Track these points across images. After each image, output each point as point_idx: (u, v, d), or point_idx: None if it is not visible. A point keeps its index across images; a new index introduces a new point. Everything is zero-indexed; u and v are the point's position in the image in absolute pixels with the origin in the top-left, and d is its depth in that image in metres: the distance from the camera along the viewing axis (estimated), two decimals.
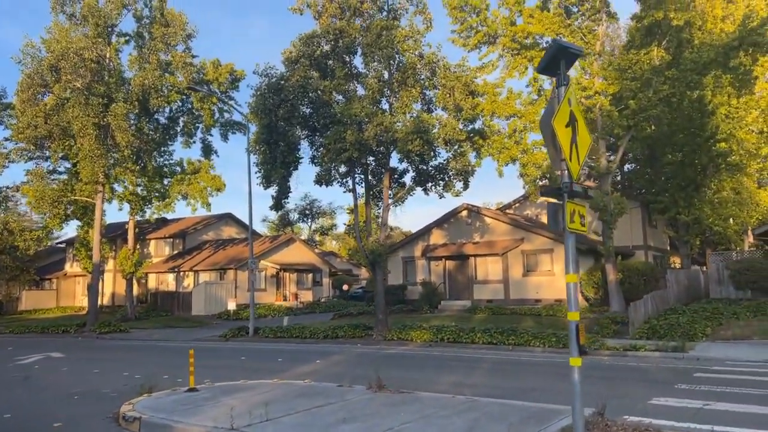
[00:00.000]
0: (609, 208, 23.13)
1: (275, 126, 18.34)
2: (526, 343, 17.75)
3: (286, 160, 18.63)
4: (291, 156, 18.59)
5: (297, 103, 18.41)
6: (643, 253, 31.54)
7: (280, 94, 18.20)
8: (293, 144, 18.47)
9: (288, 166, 18.97)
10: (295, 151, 18.83)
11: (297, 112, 18.34)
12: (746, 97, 27.90)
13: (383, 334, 20.55)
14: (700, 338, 17.39)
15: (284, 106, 18.15)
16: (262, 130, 18.46)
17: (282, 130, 18.36)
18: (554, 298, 26.41)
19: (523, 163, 24.29)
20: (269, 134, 18.37)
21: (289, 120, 18.32)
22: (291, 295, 41.17)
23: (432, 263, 30.38)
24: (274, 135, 18.40)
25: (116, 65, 30.01)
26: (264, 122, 18.22)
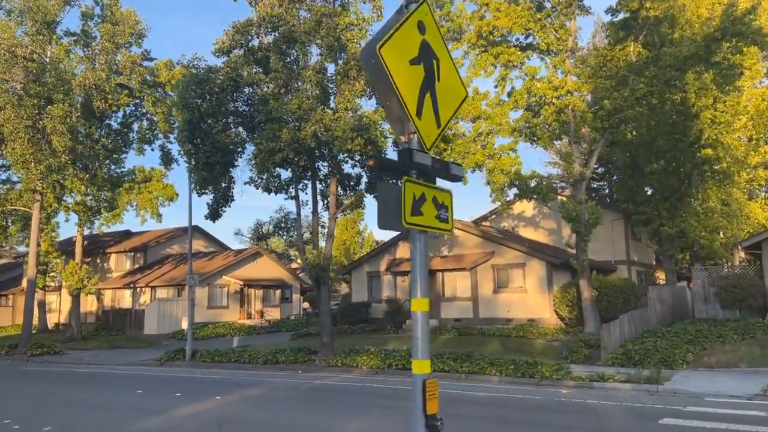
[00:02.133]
0: (582, 218, 21.02)
1: (198, 123, 16.21)
2: (481, 371, 15.50)
3: (210, 160, 16.46)
4: (215, 156, 16.42)
5: (225, 97, 16.28)
6: (626, 269, 29.33)
7: (204, 87, 16.09)
8: (219, 143, 16.33)
9: (212, 167, 16.79)
10: (223, 151, 16.64)
11: (224, 107, 16.21)
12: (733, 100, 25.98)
13: (327, 360, 18.25)
14: (680, 366, 15.15)
15: (208, 101, 16.02)
16: (184, 127, 16.32)
17: (207, 127, 16.23)
18: (527, 317, 24.15)
19: (489, 168, 22.21)
20: (191, 132, 16.24)
21: (215, 116, 16.20)
22: (256, 312, 38.71)
23: (398, 278, 28.12)
24: (197, 133, 16.27)
25: (60, 65, 27.87)
26: (186, 117, 16.10)
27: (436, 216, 3.79)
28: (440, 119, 3.90)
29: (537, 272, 24.42)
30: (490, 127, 22.40)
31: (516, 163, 22.01)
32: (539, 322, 23.53)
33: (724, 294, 19.71)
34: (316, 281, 18.78)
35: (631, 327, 19.18)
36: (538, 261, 24.41)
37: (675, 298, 24.48)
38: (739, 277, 19.78)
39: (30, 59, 25.42)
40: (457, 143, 22.31)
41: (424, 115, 3.75)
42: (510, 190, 22.43)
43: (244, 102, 17.51)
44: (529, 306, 24.34)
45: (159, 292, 36.25)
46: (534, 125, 21.84)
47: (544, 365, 14.83)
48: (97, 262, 42.96)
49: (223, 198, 19.93)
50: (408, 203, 3.52)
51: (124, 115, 30.97)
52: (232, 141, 17.26)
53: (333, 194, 18.94)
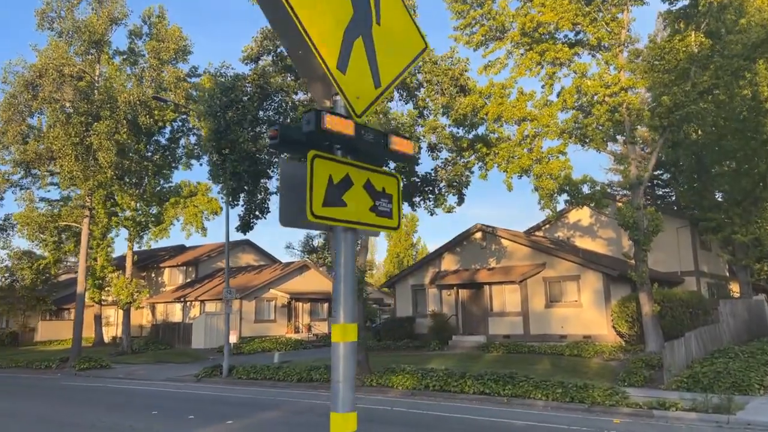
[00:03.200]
0: (641, 225, 19.18)
1: (225, 132, 15.73)
2: (525, 394, 14.06)
3: (237, 170, 15.91)
4: (243, 166, 15.86)
5: (251, 105, 15.74)
6: (695, 281, 26.87)
7: (230, 95, 15.62)
8: (247, 153, 15.77)
9: (240, 177, 16.25)
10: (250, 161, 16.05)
11: (251, 115, 15.66)
12: None
13: (362, 378, 17.21)
14: (757, 391, 13.20)
15: (234, 108, 15.53)
16: (210, 136, 15.88)
17: (233, 136, 15.73)
18: (582, 334, 22.35)
19: (536, 173, 20.72)
20: (218, 141, 15.77)
21: (240, 124, 15.67)
22: (304, 326, 38.26)
23: (444, 292, 26.85)
24: (223, 142, 15.79)
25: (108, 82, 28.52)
26: (212, 127, 15.65)
27: (371, 207, 2.75)
28: (380, 77, 2.87)
29: (593, 285, 22.59)
30: (537, 129, 20.94)
31: (566, 167, 20.42)
32: (596, 339, 21.69)
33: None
34: None
35: (699, 346, 17.17)
36: (594, 273, 22.59)
37: (751, 313, 22.05)
38: None
39: (79, 78, 26.06)
40: (501, 147, 20.97)
41: (352, 69, 2.73)
42: (560, 197, 20.80)
43: (275, 111, 16.95)
44: (584, 322, 22.52)
45: (208, 306, 36.43)
46: (584, 125, 20.24)
47: (596, 389, 13.25)
48: (151, 276, 43.91)
49: (258, 209, 19.43)
50: (319, 189, 2.50)
51: (171, 130, 31.36)
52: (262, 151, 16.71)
53: None
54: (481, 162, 21.57)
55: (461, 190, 18.05)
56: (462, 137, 21.56)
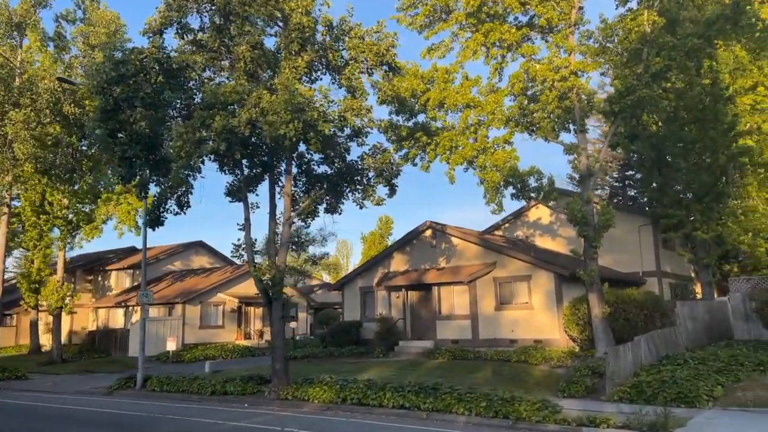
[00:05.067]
0: (591, 220, 17.63)
1: (114, 111, 13.84)
2: (446, 409, 12.35)
3: (127, 155, 14.02)
4: (133, 150, 13.95)
5: (145, 81, 13.85)
6: (656, 281, 25.45)
7: (121, 69, 13.74)
8: (138, 135, 13.87)
9: (130, 163, 14.33)
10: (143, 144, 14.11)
11: (143, 92, 13.76)
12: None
13: (278, 391, 15.38)
14: (705, 403, 11.62)
15: (123, 84, 13.64)
16: (97, 116, 13.96)
17: (123, 116, 13.82)
18: (533, 338, 20.73)
19: (480, 165, 19.13)
20: (106, 121, 13.86)
21: (131, 102, 13.80)
22: (255, 332, 36.23)
23: (392, 294, 25.09)
24: (111, 122, 13.89)
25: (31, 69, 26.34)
26: (100, 105, 13.77)
27: None
28: None
29: (544, 286, 20.99)
30: (481, 117, 19.34)
31: (511, 158, 18.85)
32: (547, 344, 20.08)
33: (767, 309, 15.91)
34: (266, 296, 16.02)
35: (651, 351, 15.63)
36: (546, 273, 21.00)
37: (712, 316, 20.59)
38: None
39: None
40: (443, 136, 19.34)
41: None
42: (506, 190, 19.20)
43: (180, 89, 15.08)
44: (535, 325, 20.90)
45: (151, 311, 34.19)
46: (530, 112, 18.69)
47: (524, 402, 11.57)
48: (98, 279, 41.58)
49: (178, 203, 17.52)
50: None
51: None
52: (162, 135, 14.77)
53: (287, 195, 16.23)
54: (422, 152, 19.97)
55: (391, 180, 16.30)
56: (401, 125, 19.93)
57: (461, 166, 19.51)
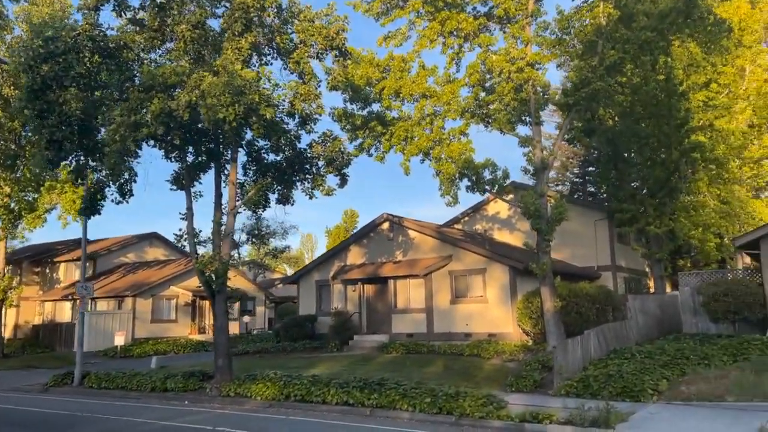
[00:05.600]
0: (545, 213, 17.48)
1: (42, 90, 12.95)
2: (390, 405, 11.96)
3: (55, 137, 13.14)
4: (62, 132, 13.07)
5: (76, 59, 12.98)
6: (611, 275, 25.65)
7: (50, 46, 12.85)
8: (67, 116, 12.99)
9: (59, 146, 13.43)
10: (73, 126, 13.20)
11: (74, 71, 12.90)
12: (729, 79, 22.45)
13: (220, 387, 14.78)
14: (649, 398, 11.53)
15: (52, 62, 12.76)
16: (25, 95, 13.02)
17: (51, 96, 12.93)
18: (487, 332, 20.56)
19: (435, 156, 18.79)
20: (33, 101, 12.96)
21: (60, 81, 12.92)
22: (210, 326, 35.27)
23: (348, 288, 24.62)
24: (38, 103, 12.99)
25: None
26: (27, 83, 12.86)
27: None
28: None
29: (499, 279, 20.84)
30: (437, 108, 19.00)
31: (467, 150, 18.56)
32: (501, 338, 19.95)
33: (713, 304, 16.01)
34: (209, 289, 15.38)
35: (601, 345, 15.56)
36: (501, 266, 20.84)
37: (663, 310, 20.75)
38: (731, 283, 16.05)
39: None
40: (398, 126, 18.92)
41: None
42: (461, 182, 18.91)
43: (118, 70, 14.23)
44: (489, 319, 20.75)
45: (99, 304, 33.03)
46: (486, 103, 18.43)
47: (469, 398, 11.27)
48: (46, 271, 39.90)
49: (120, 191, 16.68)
50: None
51: None
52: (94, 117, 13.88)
53: (232, 183, 15.57)
54: (377, 142, 19.52)
55: (342, 169, 15.79)
56: (355, 114, 19.43)
57: (417, 158, 19.16)
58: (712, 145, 21.56)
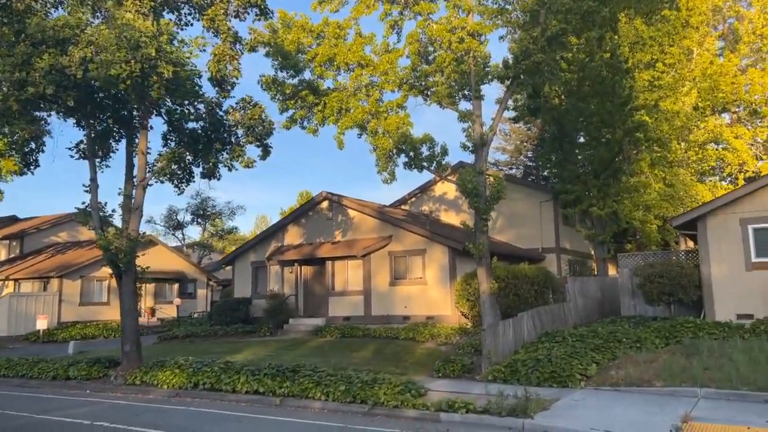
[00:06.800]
0: (483, 192, 16.68)
1: None
2: (303, 393, 11.01)
3: None
4: None
5: None
6: (555, 258, 25.31)
7: None
8: None
9: None
10: None
11: None
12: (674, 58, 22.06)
13: (125, 375, 13.54)
14: (577, 383, 10.90)
15: None
16: None
17: None
18: (426, 315, 19.82)
19: (372, 130, 17.73)
20: None
21: None
22: (146, 310, 33.60)
23: (285, 269, 23.49)
24: None
25: None
26: None
27: None
28: None
29: (439, 260, 20.07)
30: (374, 78, 17.92)
31: (405, 123, 17.57)
32: (439, 320, 19.24)
33: (649, 285, 15.58)
34: (115, 268, 14.05)
35: (536, 327, 14.96)
36: (441, 247, 20.06)
37: (604, 292, 20.44)
38: (667, 264, 15.64)
39: None
40: (332, 97, 17.76)
41: None
42: (398, 158, 17.94)
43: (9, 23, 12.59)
44: (428, 301, 19.99)
45: (24, 286, 30.95)
46: (425, 75, 17.45)
47: (385, 385, 10.40)
48: None
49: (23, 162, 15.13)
50: None
51: None
52: None
53: (142, 153, 14.18)
54: (310, 113, 18.33)
55: (264, 139, 14.58)
56: (285, 82, 18.16)
57: (352, 131, 18.08)
58: (656, 126, 21.20)
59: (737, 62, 26.41)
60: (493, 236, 25.44)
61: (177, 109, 14.46)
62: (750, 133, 27.37)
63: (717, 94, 24.91)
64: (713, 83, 23.93)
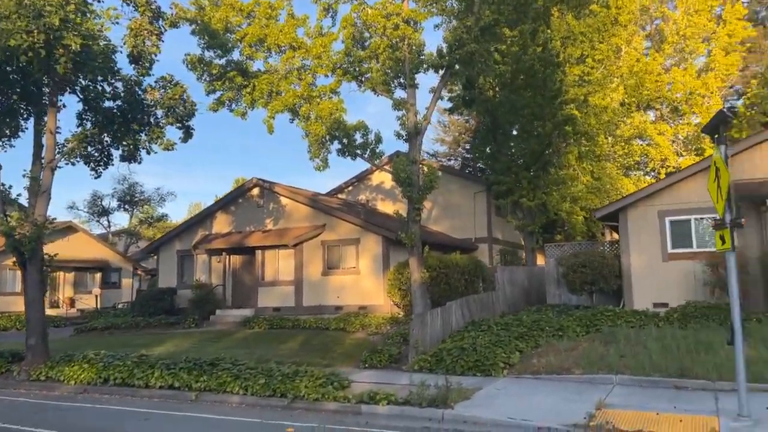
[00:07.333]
0: (416, 181, 16.55)
1: None
2: (221, 388, 10.50)
3: None
4: None
5: None
6: (487, 247, 25.66)
7: None
8: None
9: None
10: None
11: None
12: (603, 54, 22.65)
13: (29, 371, 12.57)
14: (500, 371, 10.94)
15: None
16: None
17: None
18: (359, 305, 19.59)
19: (303, 115, 17.25)
20: None
21: None
22: (65, 300, 31.84)
23: (213, 259, 22.66)
24: None
25: None
26: None
27: None
28: None
29: (372, 250, 19.87)
30: (306, 61, 17.42)
31: (338, 109, 17.19)
32: (372, 310, 19.06)
33: (572, 275, 15.96)
34: (19, 256, 13.01)
35: (465, 316, 15.00)
36: (374, 236, 19.86)
37: (531, 281, 20.83)
38: (590, 255, 16.08)
39: None
40: (262, 79, 17.14)
41: None
42: (331, 145, 17.56)
43: None
44: (361, 291, 19.77)
45: None
46: (359, 60, 17.10)
47: (306, 378, 10.06)
48: None
49: None
50: None
51: None
52: None
53: (50, 132, 13.14)
54: (238, 95, 17.63)
55: (185, 120, 13.84)
56: (212, 62, 17.37)
57: (283, 115, 17.54)
58: (585, 120, 21.74)
59: (662, 61, 27.54)
60: (428, 226, 25.54)
61: (91, 86, 13.49)
62: (672, 130, 28.64)
63: (642, 92, 25.88)
64: (639, 81, 24.81)
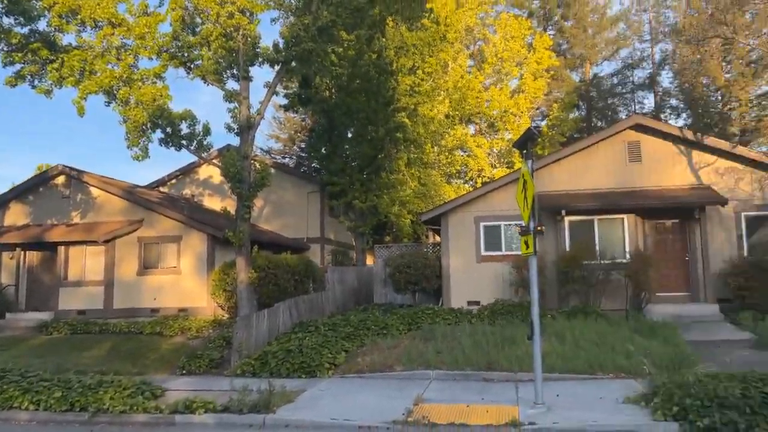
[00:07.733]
0: (247, 177, 15.96)
1: None
2: (7, 403, 9.09)
3: None
4: None
5: None
6: (319, 248, 25.74)
7: None
8: None
9: None
10: None
11: None
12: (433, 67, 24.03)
13: None
14: (326, 372, 10.95)
15: None
16: None
17: None
18: (179, 307, 18.31)
19: (122, 98, 15.68)
20: None
21: None
22: None
23: (5, 255, 19.62)
24: None
25: None
26: None
27: None
28: None
29: (196, 248, 18.73)
30: (126, 40, 15.88)
31: (162, 96, 15.94)
32: (194, 313, 17.94)
33: (398, 275, 16.67)
34: None
35: (293, 317, 14.79)
36: (199, 234, 18.75)
37: (361, 281, 21.31)
38: (414, 256, 16.95)
39: None
40: (73, 55, 15.23)
41: None
42: (153, 133, 16.21)
43: None
44: (182, 292, 18.52)
45: None
46: (188, 46, 16.04)
47: (113, 389, 9.08)
48: None
49: None
50: None
51: None
52: None
53: None
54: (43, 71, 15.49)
55: None
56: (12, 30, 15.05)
57: (98, 97, 15.77)
58: (414, 128, 22.88)
59: (482, 80, 30.06)
60: (259, 225, 24.86)
61: None
62: (488, 144, 31.41)
63: (465, 106, 27.99)
64: (462, 96, 26.80)
